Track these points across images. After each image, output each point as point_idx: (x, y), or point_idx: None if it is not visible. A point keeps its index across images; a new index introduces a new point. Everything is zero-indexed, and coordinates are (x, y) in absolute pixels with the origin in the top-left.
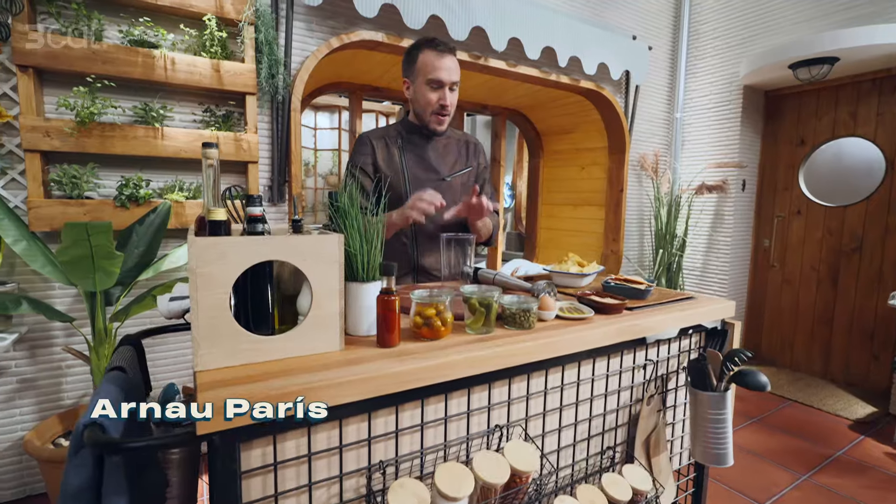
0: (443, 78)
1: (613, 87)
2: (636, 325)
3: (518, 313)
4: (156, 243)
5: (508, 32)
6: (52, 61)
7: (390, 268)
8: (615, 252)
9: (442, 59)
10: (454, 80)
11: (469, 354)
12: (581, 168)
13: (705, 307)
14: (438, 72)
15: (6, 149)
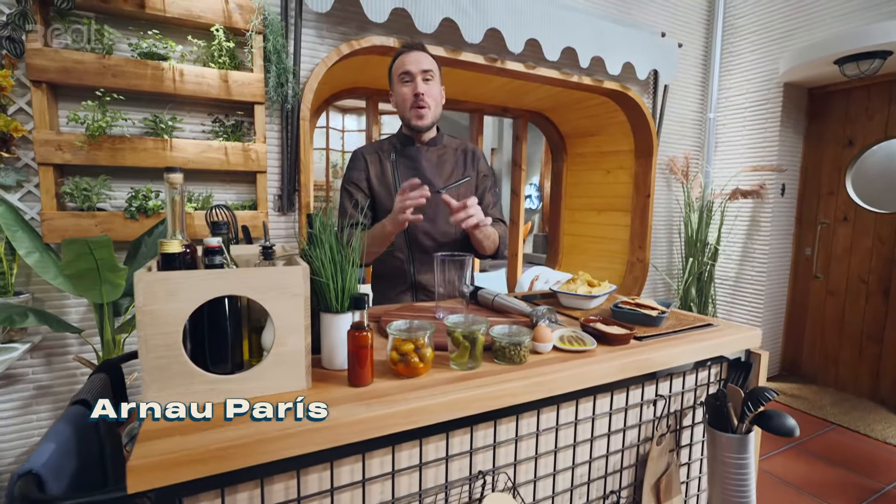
0: (411, 69)
1: (640, 87)
2: (645, 359)
3: (508, 347)
4: None
5: (525, 34)
6: (65, 76)
7: (361, 301)
8: (641, 260)
9: (408, 55)
10: (424, 68)
11: (445, 398)
12: (606, 172)
13: (727, 336)
14: (406, 65)
15: (22, 162)
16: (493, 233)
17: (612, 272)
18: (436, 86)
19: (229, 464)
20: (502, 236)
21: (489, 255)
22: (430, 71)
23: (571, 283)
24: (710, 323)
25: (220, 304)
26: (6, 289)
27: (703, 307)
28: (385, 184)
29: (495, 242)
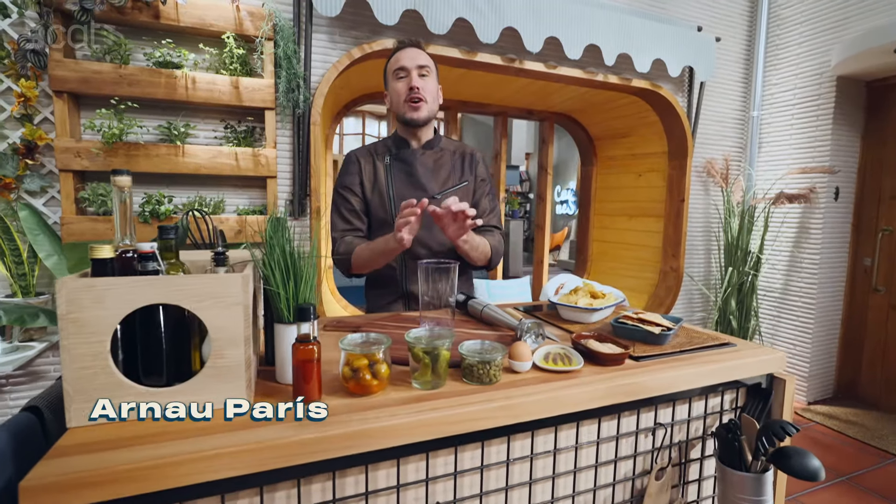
0: (405, 64)
1: (673, 85)
2: (637, 383)
3: (476, 366)
4: None
5: (544, 32)
6: (84, 86)
7: (306, 311)
8: (675, 269)
9: (403, 51)
10: (420, 63)
11: (392, 421)
12: (638, 175)
13: (744, 358)
14: (401, 60)
15: (46, 169)
16: (481, 244)
17: (644, 281)
18: (432, 82)
19: (136, 487)
20: (496, 247)
21: (481, 266)
22: (426, 67)
23: (572, 295)
24: (726, 342)
25: (154, 313)
26: (28, 289)
27: (743, 320)
28: (378, 188)
29: (486, 254)
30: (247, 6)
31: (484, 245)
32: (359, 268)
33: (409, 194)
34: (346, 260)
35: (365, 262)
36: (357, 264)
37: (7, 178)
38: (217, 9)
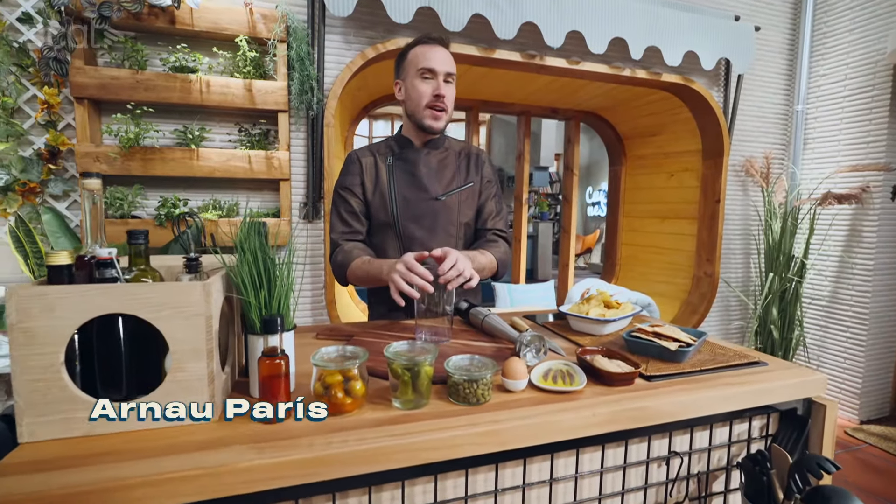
0: (436, 67)
1: (707, 79)
2: (646, 407)
3: (462, 385)
4: None
5: (566, 25)
6: (103, 92)
7: (272, 323)
8: (709, 275)
9: (433, 50)
10: (449, 70)
11: (360, 447)
12: (669, 175)
13: (777, 380)
14: (431, 61)
15: (69, 173)
16: (487, 265)
17: (676, 287)
18: (454, 90)
19: None
20: (501, 259)
21: (490, 277)
22: (453, 75)
23: (584, 304)
24: (755, 360)
25: (114, 323)
26: None
27: (786, 330)
28: (379, 189)
29: (492, 270)
30: (260, 9)
31: (490, 263)
32: (355, 281)
33: (411, 195)
34: (343, 273)
35: (359, 279)
36: (352, 279)
37: (32, 183)
38: (231, 12)
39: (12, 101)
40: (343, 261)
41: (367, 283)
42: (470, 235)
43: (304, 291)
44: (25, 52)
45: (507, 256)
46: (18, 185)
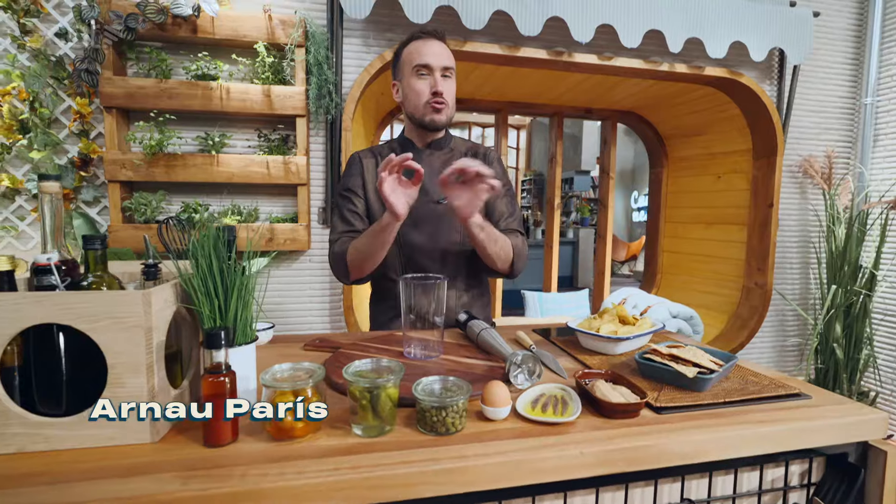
0: (430, 62)
1: (758, 71)
2: (650, 446)
3: (429, 412)
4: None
5: (595, 19)
6: (130, 101)
7: (215, 337)
8: (761, 286)
9: (428, 44)
10: (445, 64)
11: (295, 482)
12: (716, 177)
13: (821, 418)
14: (425, 56)
15: (100, 180)
16: (501, 237)
17: (723, 299)
18: (453, 84)
19: None
20: (519, 248)
21: (503, 270)
22: (451, 69)
23: (596, 319)
24: (797, 392)
25: (48, 334)
26: None
27: (852, 349)
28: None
29: (508, 253)
30: (279, 15)
31: (504, 240)
32: (356, 267)
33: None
34: (342, 263)
35: (361, 254)
36: (353, 263)
37: (66, 189)
38: (251, 19)
39: (49, 111)
40: (339, 250)
41: (369, 252)
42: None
43: (322, 297)
44: (62, 65)
45: (523, 248)
46: None
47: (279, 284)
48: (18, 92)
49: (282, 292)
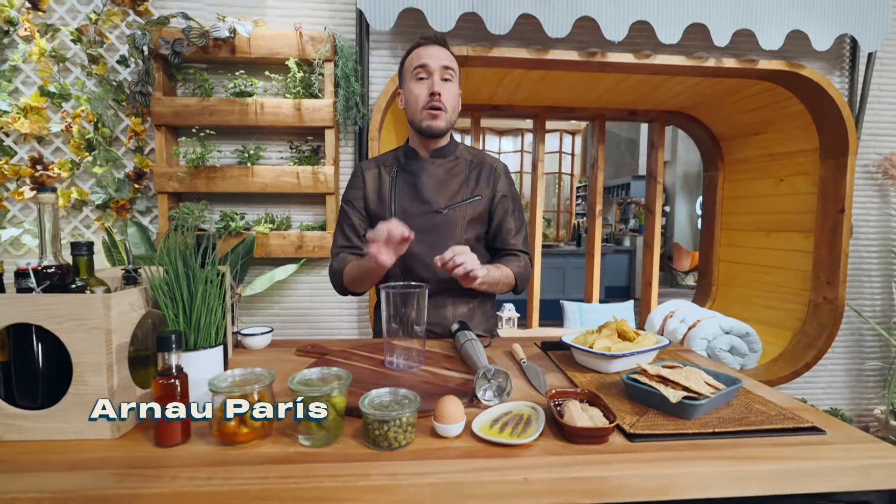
0: (429, 63)
1: (825, 62)
2: (606, 478)
3: (371, 425)
4: (242, 272)
5: (628, 16)
6: (177, 119)
7: (166, 340)
8: (831, 301)
9: (426, 48)
10: (444, 64)
11: (213, 488)
12: (778, 180)
13: (834, 459)
14: (423, 58)
15: (151, 192)
16: (503, 278)
17: (786, 314)
18: (454, 87)
19: None
20: (521, 273)
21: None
22: (451, 69)
23: (593, 334)
24: (810, 426)
25: (26, 332)
26: None
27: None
28: (382, 200)
29: (510, 283)
30: (309, 31)
31: (506, 277)
32: (350, 286)
33: (412, 209)
34: (339, 279)
35: (353, 280)
36: (348, 283)
37: (122, 201)
38: (283, 37)
39: (110, 131)
40: (337, 267)
41: (360, 282)
42: (477, 251)
43: (350, 303)
44: (121, 88)
45: (526, 271)
46: (113, 202)
47: (310, 290)
48: (86, 114)
49: (312, 298)
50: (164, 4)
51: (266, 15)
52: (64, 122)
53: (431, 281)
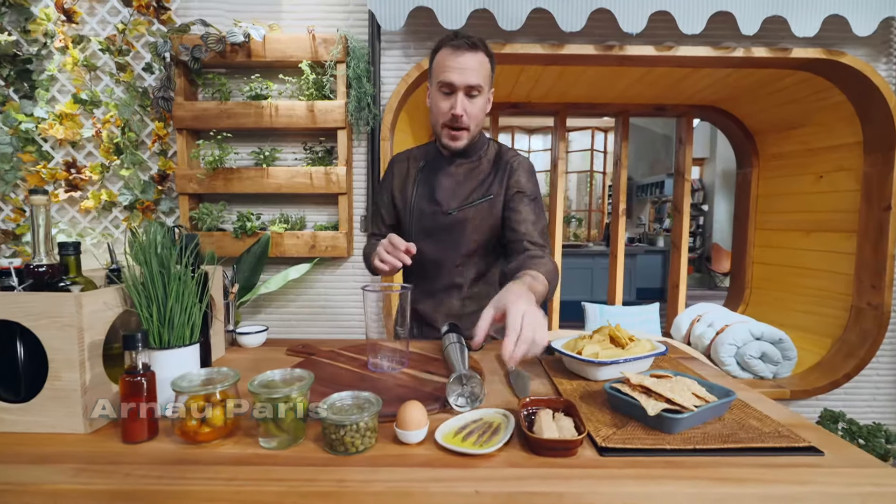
0: (454, 80)
1: (869, 48)
2: (564, 494)
3: (328, 428)
4: (258, 270)
5: (648, 6)
6: (196, 122)
7: (132, 339)
8: (875, 307)
9: (456, 57)
10: (470, 82)
11: (154, 486)
12: (817, 177)
13: (830, 484)
14: (449, 72)
15: (174, 193)
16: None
17: (826, 320)
18: (481, 101)
19: None
20: (552, 278)
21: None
22: (478, 87)
23: (583, 339)
24: (808, 446)
25: (7, 328)
26: None
27: None
28: (404, 197)
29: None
30: (321, 34)
31: (545, 288)
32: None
33: (426, 209)
34: (368, 262)
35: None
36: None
37: (147, 202)
38: (296, 40)
39: (136, 135)
40: (367, 252)
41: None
42: (490, 253)
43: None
44: (147, 94)
45: (555, 273)
46: (139, 203)
47: (324, 289)
48: (115, 120)
49: (327, 296)
50: (185, 12)
51: (282, 18)
52: (95, 128)
53: (439, 279)
